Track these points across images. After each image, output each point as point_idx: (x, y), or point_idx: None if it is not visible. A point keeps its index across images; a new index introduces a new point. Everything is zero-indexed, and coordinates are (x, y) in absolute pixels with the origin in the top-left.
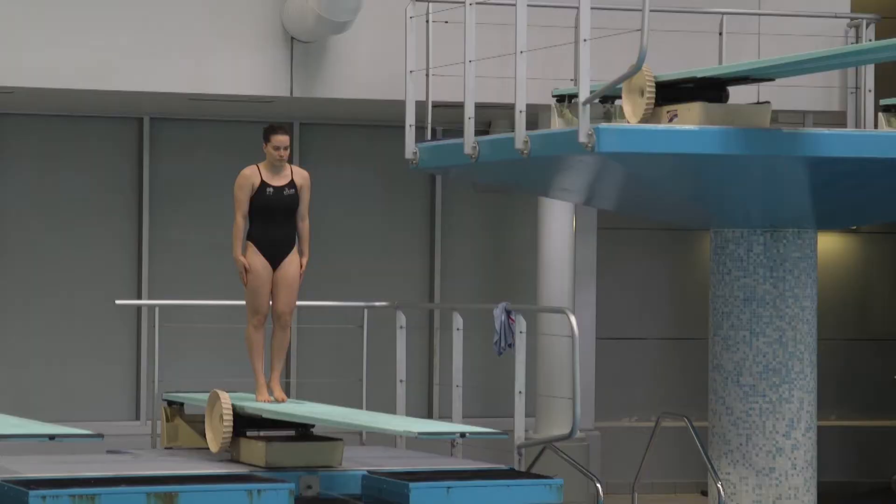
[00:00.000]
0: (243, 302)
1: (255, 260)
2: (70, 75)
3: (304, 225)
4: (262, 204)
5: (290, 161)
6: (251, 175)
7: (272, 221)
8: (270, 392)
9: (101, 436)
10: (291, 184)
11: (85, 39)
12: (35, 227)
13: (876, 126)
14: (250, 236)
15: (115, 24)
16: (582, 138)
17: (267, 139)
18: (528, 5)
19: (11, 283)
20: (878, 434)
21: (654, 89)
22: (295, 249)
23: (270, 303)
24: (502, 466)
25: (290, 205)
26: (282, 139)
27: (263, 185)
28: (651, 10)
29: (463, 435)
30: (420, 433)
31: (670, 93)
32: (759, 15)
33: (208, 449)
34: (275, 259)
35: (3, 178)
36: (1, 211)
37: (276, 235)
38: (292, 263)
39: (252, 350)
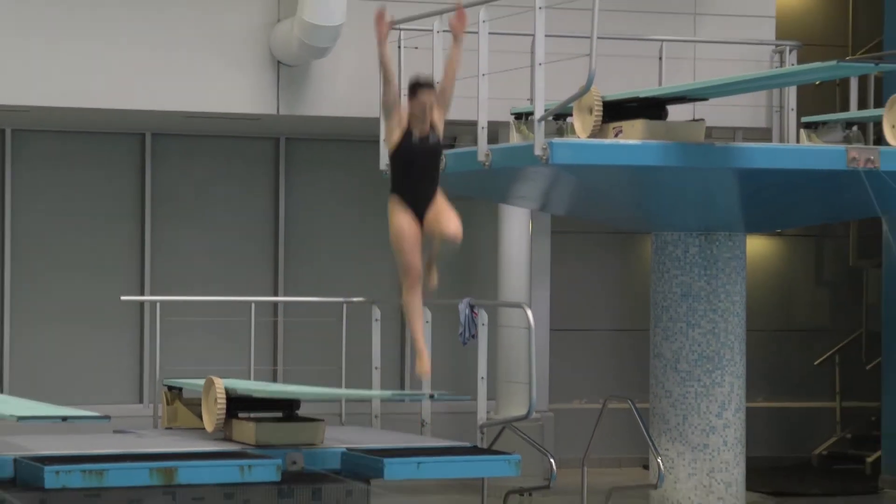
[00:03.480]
0: (235, 298)
1: (400, 216)
2: (80, 96)
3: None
4: (408, 152)
5: (279, 174)
6: (405, 116)
7: (417, 171)
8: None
9: (108, 417)
10: (433, 129)
11: (92, 64)
12: (49, 231)
13: (798, 141)
14: (395, 189)
15: (120, 50)
16: (537, 151)
17: (413, 94)
18: (490, 33)
19: (28, 282)
20: (801, 414)
21: (601, 108)
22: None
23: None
24: (466, 444)
25: (434, 151)
26: (428, 99)
27: (410, 132)
28: (599, 38)
29: (432, 395)
30: (394, 393)
31: (616, 111)
32: (695, 42)
33: (204, 429)
34: (421, 209)
35: (20, 186)
36: (19, 216)
37: (421, 187)
38: (438, 199)
39: (410, 315)
